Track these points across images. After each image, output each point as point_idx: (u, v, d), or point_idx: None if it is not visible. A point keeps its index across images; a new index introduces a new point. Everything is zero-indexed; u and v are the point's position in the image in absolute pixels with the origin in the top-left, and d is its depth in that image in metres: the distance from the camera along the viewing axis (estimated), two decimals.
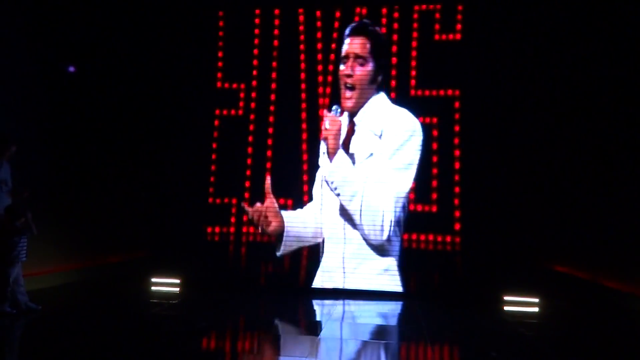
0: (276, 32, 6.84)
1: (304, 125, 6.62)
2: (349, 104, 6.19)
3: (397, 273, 6.10)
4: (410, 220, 6.18)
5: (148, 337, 4.24)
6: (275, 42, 6.83)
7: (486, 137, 6.26)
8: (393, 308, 5.75)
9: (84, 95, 6.62)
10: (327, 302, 5.90)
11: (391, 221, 5.93)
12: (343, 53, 6.31)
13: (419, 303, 5.85)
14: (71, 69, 6.24)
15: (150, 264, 6.52)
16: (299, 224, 6.28)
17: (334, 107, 6.09)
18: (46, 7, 6.00)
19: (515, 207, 6.12)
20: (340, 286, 6.17)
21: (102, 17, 6.77)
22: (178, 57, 6.94)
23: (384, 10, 6.64)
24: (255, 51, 6.83)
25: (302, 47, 6.75)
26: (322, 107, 6.61)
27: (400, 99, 6.40)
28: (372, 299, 6.02)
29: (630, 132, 5.79)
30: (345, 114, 6.20)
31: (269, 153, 6.66)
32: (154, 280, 6.09)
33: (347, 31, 6.31)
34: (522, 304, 5.57)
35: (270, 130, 6.70)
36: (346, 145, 6.13)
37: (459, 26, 6.39)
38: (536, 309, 5.52)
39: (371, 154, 6.05)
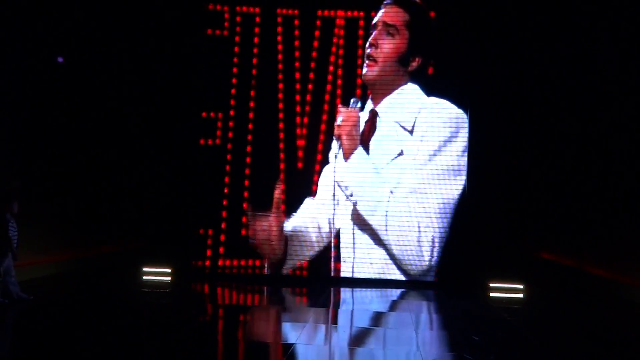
0: (254, 61, 6.87)
1: (281, 155, 6.64)
2: (368, 75, 5.35)
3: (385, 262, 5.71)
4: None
5: (139, 326, 4.28)
6: (254, 71, 6.85)
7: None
8: (380, 295, 5.77)
9: (77, 92, 6.61)
10: (313, 288, 5.94)
11: (434, 240, 5.05)
12: (373, 21, 5.73)
13: (405, 289, 5.90)
14: (60, 59, 6.22)
15: (142, 254, 6.59)
16: (302, 241, 5.60)
17: (352, 100, 5.47)
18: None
19: (501, 195, 6.24)
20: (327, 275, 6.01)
21: (93, 41, 6.77)
22: (159, 85, 6.92)
23: (360, 42, 6.72)
24: (234, 80, 6.84)
25: (280, 76, 6.79)
26: (299, 137, 6.64)
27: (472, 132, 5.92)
28: (359, 286, 6.01)
29: (611, 124, 5.99)
30: (367, 104, 5.34)
31: (246, 182, 6.65)
32: (145, 269, 6.14)
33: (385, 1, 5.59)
34: (507, 291, 5.67)
35: (248, 159, 6.70)
36: (366, 143, 5.25)
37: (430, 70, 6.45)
38: (521, 295, 5.64)
39: (400, 153, 5.15)
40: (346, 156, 5.27)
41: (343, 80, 6.69)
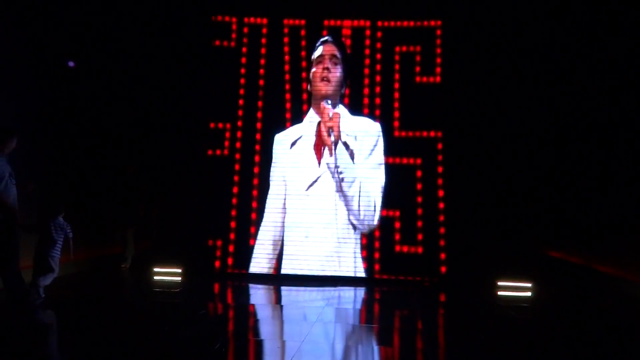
0: (262, 71, 6.91)
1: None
2: (324, 91, 6.58)
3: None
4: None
5: (151, 324, 4.30)
6: (261, 82, 6.90)
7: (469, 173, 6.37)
8: (388, 292, 5.82)
9: (87, 96, 6.71)
10: (319, 288, 5.93)
11: (376, 204, 6.33)
12: (317, 54, 6.71)
13: (411, 287, 5.94)
14: (71, 63, 6.32)
15: (153, 254, 6.65)
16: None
17: (326, 101, 6.50)
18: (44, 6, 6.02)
19: (509, 193, 6.22)
20: (333, 273, 6.27)
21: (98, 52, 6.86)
22: (167, 96, 6.97)
23: (367, 51, 6.76)
24: (241, 91, 6.89)
25: (287, 86, 6.83)
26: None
27: (385, 139, 6.54)
28: (365, 284, 6.07)
29: (620, 119, 5.98)
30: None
31: (254, 193, 6.68)
32: (156, 270, 6.24)
33: (318, 43, 6.77)
34: (515, 289, 5.70)
35: (256, 169, 6.73)
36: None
37: (438, 69, 6.54)
38: (529, 294, 5.66)
39: (351, 153, 6.53)
40: (336, 145, 6.52)
41: (351, 89, 6.75)
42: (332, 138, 6.45)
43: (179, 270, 6.20)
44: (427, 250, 6.26)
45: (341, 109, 6.64)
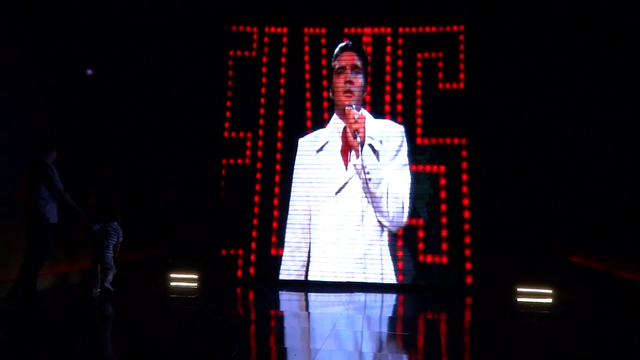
0: (282, 80, 6.92)
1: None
2: (347, 102, 6.67)
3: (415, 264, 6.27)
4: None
5: (168, 331, 4.33)
6: (282, 91, 6.91)
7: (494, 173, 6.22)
8: (407, 299, 5.76)
9: (106, 105, 6.80)
10: (339, 295, 5.87)
11: (404, 204, 6.38)
12: (338, 65, 6.79)
13: (432, 294, 5.87)
14: (89, 71, 6.40)
15: (169, 260, 6.70)
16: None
17: (351, 105, 6.60)
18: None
19: (530, 197, 6.09)
20: (360, 277, 6.27)
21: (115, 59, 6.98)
22: (187, 105, 7.04)
23: (388, 58, 6.71)
24: (262, 100, 6.91)
25: (307, 95, 6.82)
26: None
27: (408, 146, 6.47)
28: (385, 290, 6.02)
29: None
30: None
31: (275, 201, 6.66)
32: (172, 276, 6.28)
33: (337, 49, 6.80)
34: (535, 295, 5.57)
35: (277, 178, 6.71)
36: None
37: (461, 75, 6.42)
38: (549, 300, 5.52)
39: (377, 155, 6.62)
40: (362, 147, 6.54)
41: (371, 96, 6.70)
42: (359, 139, 6.46)
43: (195, 276, 6.19)
44: (452, 260, 6.11)
45: (364, 112, 6.63)
